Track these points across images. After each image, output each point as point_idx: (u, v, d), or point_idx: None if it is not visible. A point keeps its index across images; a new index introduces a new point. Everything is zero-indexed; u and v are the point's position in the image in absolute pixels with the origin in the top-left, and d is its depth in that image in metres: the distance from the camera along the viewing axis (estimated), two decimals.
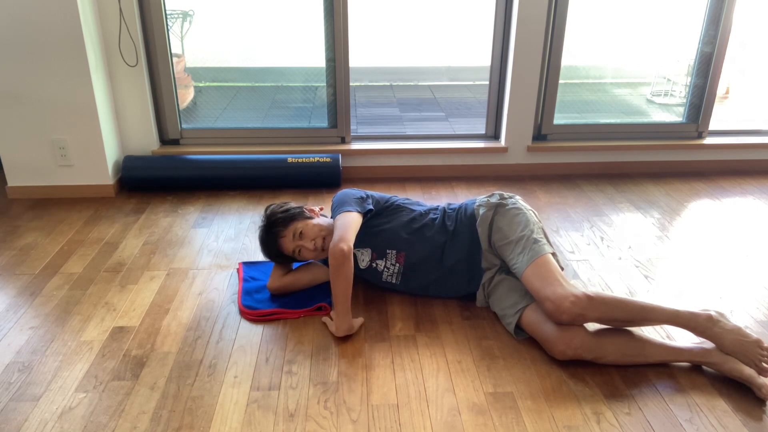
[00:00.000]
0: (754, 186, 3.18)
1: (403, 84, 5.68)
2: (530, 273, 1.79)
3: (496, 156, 3.29)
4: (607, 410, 1.58)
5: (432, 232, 2.02)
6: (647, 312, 1.71)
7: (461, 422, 1.54)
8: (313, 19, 3.05)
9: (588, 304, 1.66)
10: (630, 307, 1.71)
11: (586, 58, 3.89)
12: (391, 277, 2.04)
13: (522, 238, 1.87)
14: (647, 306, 1.72)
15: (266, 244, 2.03)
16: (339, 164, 3.06)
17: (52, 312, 2.00)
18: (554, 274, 1.76)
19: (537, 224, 1.95)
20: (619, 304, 1.71)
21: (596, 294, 1.70)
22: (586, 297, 1.67)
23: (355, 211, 1.97)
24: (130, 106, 3.01)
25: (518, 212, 1.96)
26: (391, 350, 1.82)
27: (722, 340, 1.65)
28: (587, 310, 1.66)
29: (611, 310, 1.69)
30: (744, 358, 1.61)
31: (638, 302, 1.74)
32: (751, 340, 1.61)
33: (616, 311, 1.70)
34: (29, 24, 2.61)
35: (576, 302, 1.66)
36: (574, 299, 1.66)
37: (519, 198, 2.05)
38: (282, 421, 1.54)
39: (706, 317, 1.69)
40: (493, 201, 2.01)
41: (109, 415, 1.55)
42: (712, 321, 1.68)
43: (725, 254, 2.44)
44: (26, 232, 2.58)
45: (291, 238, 1.98)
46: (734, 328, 1.65)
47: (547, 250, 1.84)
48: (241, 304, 2.02)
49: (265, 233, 2.02)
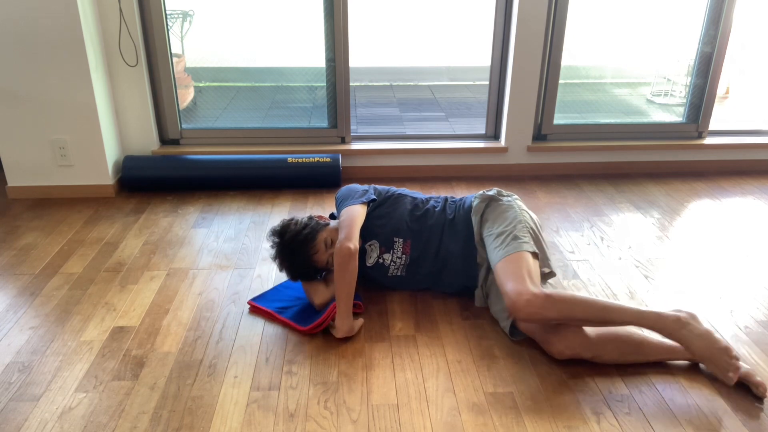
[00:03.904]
0: (754, 186, 3.18)
1: (403, 84, 5.68)
2: (500, 267, 1.79)
3: (496, 156, 3.29)
4: (607, 410, 1.58)
5: (433, 220, 2.03)
6: (609, 312, 1.66)
7: (461, 422, 1.54)
8: (313, 19, 3.05)
9: (544, 302, 1.64)
10: (590, 307, 1.66)
11: (586, 58, 3.89)
12: (397, 270, 2.04)
13: (504, 233, 1.88)
14: (610, 306, 1.67)
15: (297, 266, 1.96)
16: (339, 164, 3.06)
17: (52, 312, 2.00)
18: (521, 271, 1.74)
19: (526, 224, 1.93)
20: (578, 304, 1.66)
21: (556, 293, 1.67)
22: (543, 296, 1.64)
23: (359, 203, 1.99)
24: (130, 106, 3.01)
25: (509, 208, 1.96)
26: (391, 350, 1.82)
27: (690, 344, 1.59)
28: (544, 309, 1.64)
29: (570, 309, 1.65)
30: (711, 365, 1.55)
31: (600, 302, 1.69)
32: (721, 346, 1.54)
33: (575, 310, 1.65)
34: (29, 24, 2.61)
35: (532, 300, 1.65)
36: (530, 297, 1.65)
37: (517, 199, 2.05)
38: (282, 421, 1.54)
39: (674, 319, 1.63)
40: (489, 194, 2.03)
41: (109, 415, 1.55)
42: (681, 323, 1.62)
43: (725, 254, 2.44)
44: (26, 232, 2.58)
45: (324, 249, 1.95)
46: (704, 333, 1.60)
47: (526, 248, 1.81)
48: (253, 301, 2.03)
49: (295, 255, 1.94)
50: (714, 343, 1.52)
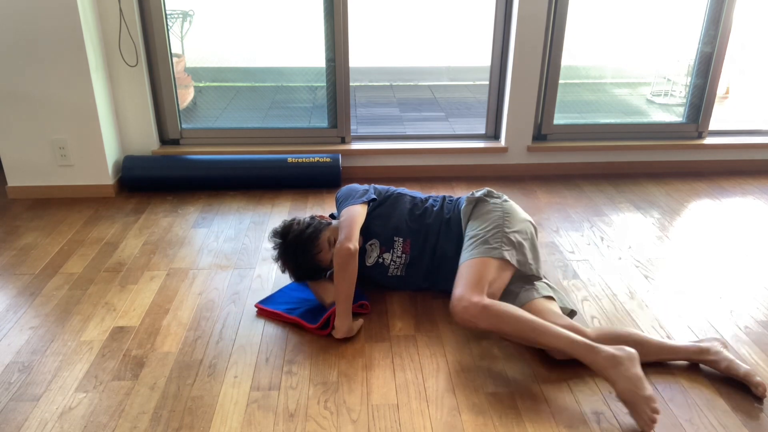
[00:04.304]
0: (754, 186, 3.18)
1: (403, 84, 5.68)
2: (461, 269, 1.81)
3: (496, 156, 3.29)
4: (607, 410, 1.58)
5: (431, 219, 2.04)
6: (541, 335, 1.62)
7: (461, 422, 1.54)
8: (313, 19, 3.05)
9: (480, 312, 1.65)
10: (523, 326, 1.64)
11: (586, 58, 3.89)
12: (397, 269, 2.04)
13: (476, 236, 1.88)
14: (543, 329, 1.63)
15: (301, 266, 1.97)
16: (339, 164, 3.06)
17: (52, 312, 2.00)
18: (475, 276, 1.75)
19: (506, 229, 1.89)
20: (512, 321, 1.65)
21: (495, 307, 1.66)
22: (481, 306, 1.66)
23: (359, 203, 1.99)
24: (130, 106, 3.01)
25: (491, 211, 1.95)
26: (391, 350, 1.82)
27: (615, 383, 1.51)
28: (477, 318, 1.66)
29: (503, 323, 1.65)
30: (631, 409, 1.49)
31: (535, 324, 1.64)
32: (645, 395, 1.47)
33: (505, 326, 1.66)
34: (29, 24, 2.61)
35: (468, 308, 1.67)
36: (467, 304, 1.67)
37: (507, 201, 2.01)
38: (282, 421, 1.54)
39: (608, 356, 1.53)
40: (476, 196, 2.02)
41: (109, 415, 1.55)
42: (614, 361, 1.52)
43: (725, 254, 2.44)
44: (26, 232, 2.58)
45: (327, 248, 1.95)
46: (633, 376, 1.49)
47: (492, 254, 1.81)
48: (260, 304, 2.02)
49: (299, 255, 1.95)
50: (640, 389, 1.46)
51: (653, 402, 1.45)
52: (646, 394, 1.46)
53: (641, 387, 1.47)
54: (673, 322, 1.98)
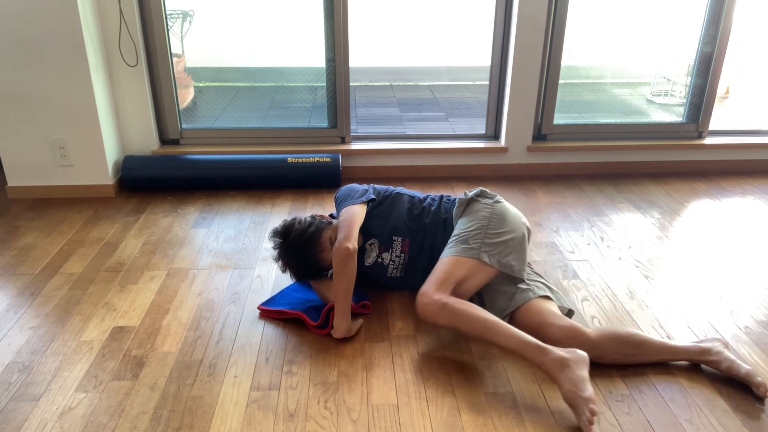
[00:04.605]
0: (754, 186, 3.18)
1: (403, 84, 5.68)
2: (437, 265, 1.85)
3: (496, 156, 3.29)
4: (607, 410, 1.58)
5: (428, 219, 2.04)
6: (494, 335, 1.64)
7: (461, 422, 1.54)
8: (313, 19, 3.05)
9: (438, 310, 1.71)
10: (476, 325, 1.67)
11: (586, 58, 3.89)
12: (396, 270, 2.04)
13: (459, 235, 1.90)
14: (495, 329, 1.65)
15: (304, 265, 1.98)
16: (339, 164, 3.06)
17: (52, 312, 2.00)
18: (443, 274, 1.79)
19: (493, 230, 1.88)
20: (468, 320, 1.68)
21: (453, 305, 1.70)
22: (440, 304, 1.71)
23: (358, 203, 2.00)
24: (130, 106, 3.01)
25: (481, 211, 1.94)
26: (391, 350, 1.82)
27: (560, 385, 1.54)
28: (436, 315, 1.71)
29: (457, 322, 1.69)
30: (573, 410, 1.51)
31: (489, 324, 1.66)
32: (584, 396, 1.48)
33: (461, 325, 1.69)
34: (29, 24, 2.61)
35: (427, 305, 1.73)
36: (428, 301, 1.73)
37: (498, 202, 1.98)
38: (282, 421, 1.54)
39: (557, 359, 1.55)
40: (467, 197, 2.01)
41: (109, 415, 1.55)
42: (561, 365, 1.54)
43: (725, 254, 2.44)
44: (26, 232, 2.58)
45: (329, 247, 1.95)
46: (576, 378, 1.51)
47: (467, 254, 1.82)
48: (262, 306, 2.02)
49: (301, 254, 1.96)
50: (581, 391, 1.48)
51: (592, 403, 1.47)
52: (585, 395, 1.48)
53: (582, 389, 1.49)
54: (673, 322, 1.98)
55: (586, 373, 1.52)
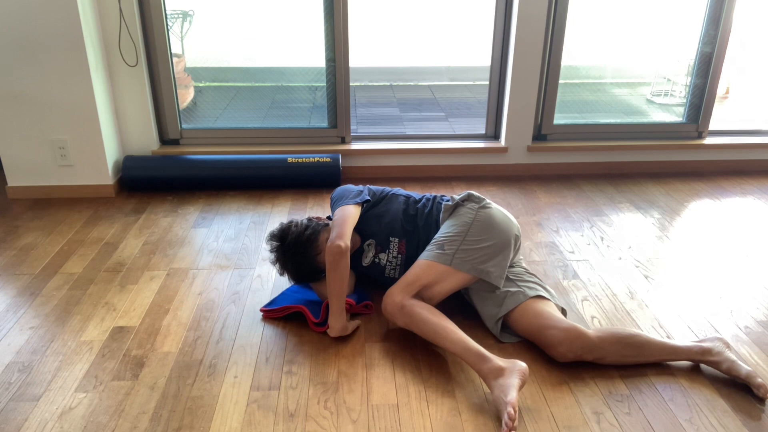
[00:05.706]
0: (754, 186, 3.18)
1: (403, 84, 5.68)
2: (410, 267, 1.89)
3: (496, 156, 3.29)
4: (607, 410, 1.58)
5: (423, 221, 2.04)
6: (441, 339, 1.70)
7: (461, 422, 1.54)
8: (313, 19, 3.05)
9: (396, 311, 1.79)
10: (427, 329, 1.74)
11: (586, 58, 3.89)
12: (393, 270, 2.04)
13: (437, 239, 1.91)
14: (443, 334, 1.70)
15: (301, 267, 1.98)
16: (339, 164, 3.06)
17: (52, 312, 2.00)
18: (411, 277, 1.84)
19: (472, 236, 1.87)
20: (419, 323, 1.75)
21: (410, 308, 1.77)
22: (399, 305, 1.78)
23: (352, 203, 2.00)
24: (130, 106, 3.01)
25: (464, 216, 1.93)
26: (391, 350, 1.82)
27: (492, 391, 1.58)
28: (394, 316, 1.80)
29: (412, 324, 1.77)
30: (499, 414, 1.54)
31: (437, 327, 1.72)
32: (506, 399, 1.52)
33: (415, 327, 1.77)
34: (29, 24, 2.61)
35: (387, 306, 1.82)
36: (389, 302, 1.81)
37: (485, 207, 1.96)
38: (282, 421, 1.54)
39: (494, 368, 1.59)
40: (456, 199, 2.01)
41: (109, 415, 1.55)
42: (497, 373, 1.59)
43: (725, 254, 2.44)
44: (26, 232, 2.58)
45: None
46: (505, 384, 1.55)
47: (442, 260, 1.84)
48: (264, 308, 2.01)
49: (298, 256, 1.96)
50: (505, 395, 1.53)
51: (510, 406, 1.49)
52: (507, 399, 1.52)
53: (507, 393, 1.53)
54: (673, 322, 1.98)
55: (516, 381, 1.56)
